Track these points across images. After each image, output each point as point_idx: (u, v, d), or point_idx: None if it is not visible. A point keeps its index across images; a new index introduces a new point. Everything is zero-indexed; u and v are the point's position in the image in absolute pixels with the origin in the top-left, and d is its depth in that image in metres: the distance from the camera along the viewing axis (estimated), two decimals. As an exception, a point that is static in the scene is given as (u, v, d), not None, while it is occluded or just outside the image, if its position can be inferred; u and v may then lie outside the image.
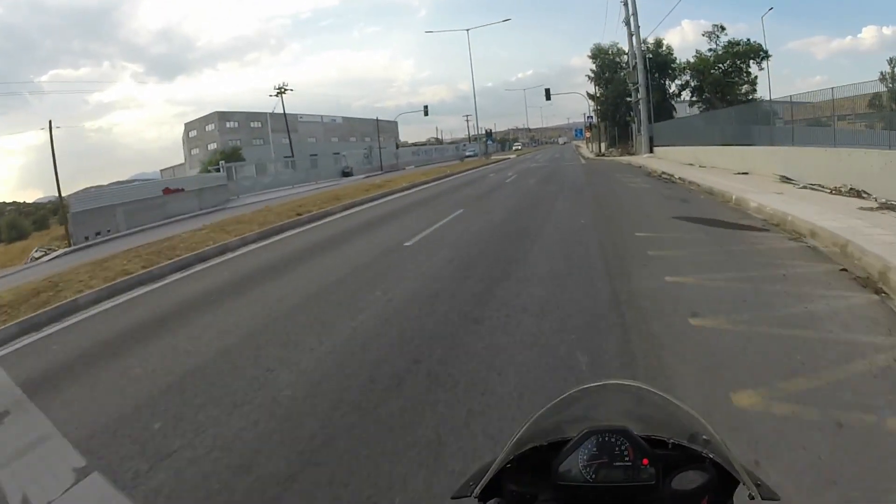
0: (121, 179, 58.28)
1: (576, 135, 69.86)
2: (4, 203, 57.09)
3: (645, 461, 0.68)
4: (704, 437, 0.73)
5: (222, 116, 61.04)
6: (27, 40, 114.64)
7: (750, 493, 0.67)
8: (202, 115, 63.40)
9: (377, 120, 40.36)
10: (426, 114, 54.46)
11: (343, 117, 76.84)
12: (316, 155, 47.46)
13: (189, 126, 65.36)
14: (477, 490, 0.74)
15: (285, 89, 45.63)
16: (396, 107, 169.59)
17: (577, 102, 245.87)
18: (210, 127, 61.26)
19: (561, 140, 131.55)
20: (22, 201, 60.60)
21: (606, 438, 0.70)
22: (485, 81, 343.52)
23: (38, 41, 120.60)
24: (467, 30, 49.30)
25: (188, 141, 64.81)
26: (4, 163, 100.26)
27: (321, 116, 72.59)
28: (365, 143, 64.44)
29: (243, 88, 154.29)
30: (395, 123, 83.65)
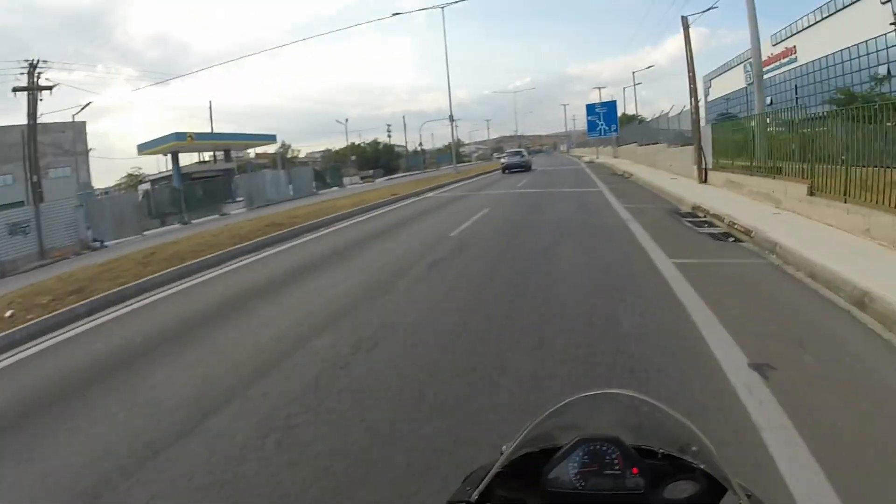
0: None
1: (591, 131, 42.70)
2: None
3: (634, 470, 0.69)
4: (695, 447, 0.74)
5: None
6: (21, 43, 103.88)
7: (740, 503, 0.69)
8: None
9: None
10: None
11: None
12: None
13: None
14: (475, 495, 0.74)
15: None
16: (393, 114, 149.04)
17: (577, 111, 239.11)
18: None
19: (558, 148, 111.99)
20: None
21: (597, 447, 0.71)
22: (482, 89, 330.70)
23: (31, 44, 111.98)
24: (442, 7, 32.77)
25: None
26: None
27: None
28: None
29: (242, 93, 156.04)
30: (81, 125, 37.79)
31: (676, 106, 20.53)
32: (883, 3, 26.45)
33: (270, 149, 56.84)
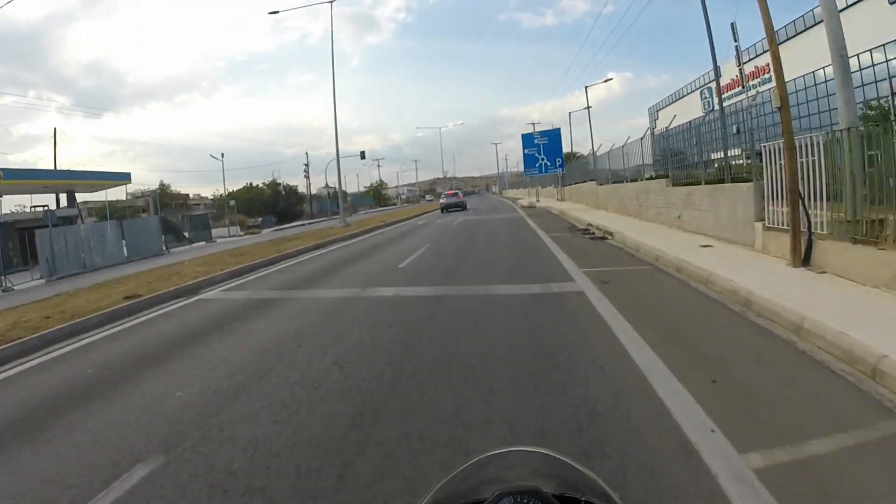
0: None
1: (529, 167, 32.43)
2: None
3: None
4: (617, 495, 0.75)
5: None
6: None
7: None
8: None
9: None
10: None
11: None
12: None
13: None
14: None
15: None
16: (328, 154, 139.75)
17: (509, 151, 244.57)
18: None
19: (491, 189, 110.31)
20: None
21: (519, 499, 0.68)
22: (416, 131, 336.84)
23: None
24: (330, 1, 27.18)
25: None
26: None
27: None
28: None
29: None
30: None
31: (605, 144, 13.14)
32: (891, 4, 20.38)
33: (130, 189, 45.32)
